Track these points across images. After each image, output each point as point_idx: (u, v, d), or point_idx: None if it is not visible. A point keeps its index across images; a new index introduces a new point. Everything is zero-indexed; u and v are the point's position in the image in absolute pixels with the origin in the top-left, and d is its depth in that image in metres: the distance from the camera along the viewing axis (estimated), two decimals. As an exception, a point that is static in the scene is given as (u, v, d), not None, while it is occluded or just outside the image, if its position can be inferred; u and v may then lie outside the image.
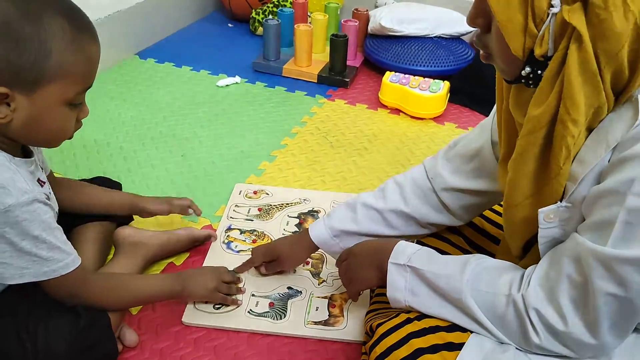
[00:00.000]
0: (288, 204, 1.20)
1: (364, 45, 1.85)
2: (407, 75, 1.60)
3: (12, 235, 0.67)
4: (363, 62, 1.84)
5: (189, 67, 1.80)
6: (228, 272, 0.96)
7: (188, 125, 1.48)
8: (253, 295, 0.96)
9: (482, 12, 0.58)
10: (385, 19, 1.76)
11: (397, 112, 1.61)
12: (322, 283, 1.00)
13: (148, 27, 1.89)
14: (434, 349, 0.65)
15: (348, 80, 1.71)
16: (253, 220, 1.15)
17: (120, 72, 1.73)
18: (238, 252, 1.06)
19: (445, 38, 1.80)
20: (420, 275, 0.70)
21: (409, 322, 0.69)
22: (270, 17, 1.93)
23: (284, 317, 0.93)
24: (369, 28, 1.84)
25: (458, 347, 0.64)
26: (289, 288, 0.99)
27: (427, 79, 1.58)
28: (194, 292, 0.90)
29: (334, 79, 1.72)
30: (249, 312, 0.93)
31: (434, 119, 1.58)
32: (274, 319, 0.92)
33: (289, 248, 0.95)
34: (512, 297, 0.62)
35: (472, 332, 0.66)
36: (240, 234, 1.11)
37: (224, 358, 0.87)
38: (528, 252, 0.69)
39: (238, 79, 1.72)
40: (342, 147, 1.44)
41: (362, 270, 0.80)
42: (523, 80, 0.59)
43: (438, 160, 0.86)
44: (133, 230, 1.00)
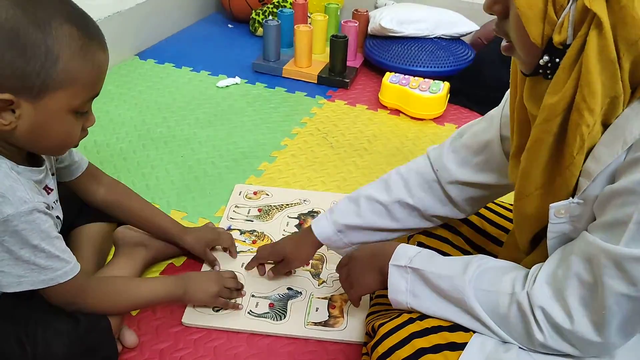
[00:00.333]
0: (288, 205, 1.20)
1: (364, 46, 1.85)
2: (407, 76, 1.60)
3: (10, 244, 0.67)
4: (363, 62, 1.84)
5: (189, 67, 1.80)
6: (231, 277, 0.95)
7: (188, 126, 1.48)
8: (253, 296, 0.96)
9: None
10: (385, 20, 1.76)
11: (397, 112, 1.61)
12: (322, 284, 1.00)
13: (148, 28, 1.89)
14: (436, 349, 0.65)
15: (348, 81, 1.72)
16: (253, 221, 1.15)
17: (120, 72, 1.73)
18: (238, 252, 1.06)
19: (445, 39, 1.80)
20: (422, 276, 0.69)
21: (411, 322, 0.69)
22: (270, 17, 1.93)
23: (284, 317, 0.93)
24: (369, 29, 1.84)
25: (460, 346, 0.64)
26: (289, 289, 0.99)
27: (427, 80, 1.58)
28: (196, 296, 0.90)
29: (334, 80, 1.72)
30: (249, 312, 0.93)
31: (434, 120, 1.58)
32: (274, 320, 0.92)
33: (295, 247, 0.94)
34: (515, 295, 0.62)
35: (474, 332, 0.66)
36: (240, 235, 1.11)
37: (224, 359, 0.87)
38: (536, 246, 0.69)
39: (238, 80, 1.73)
40: (342, 147, 1.44)
41: (363, 275, 0.80)
42: (541, 71, 0.58)
43: (444, 151, 0.84)
44: (133, 231, 1.00)
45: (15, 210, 0.66)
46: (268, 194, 1.23)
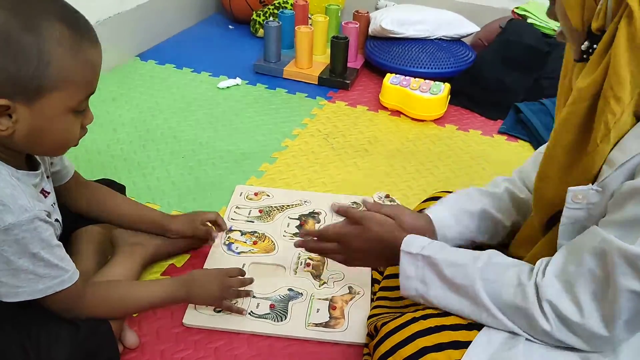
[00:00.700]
0: (289, 206, 1.20)
1: (365, 47, 1.85)
2: (407, 77, 1.60)
3: (9, 254, 0.66)
4: (364, 64, 1.84)
5: (190, 68, 1.80)
6: (236, 277, 0.93)
7: (189, 127, 1.48)
8: (254, 297, 0.96)
9: None
10: (386, 21, 1.76)
11: (397, 114, 1.61)
12: (323, 285, 1.00)
13: (149, 28, 1.89)
14: (439, 348, 0.65)
15: (349, 82, 1.72)
16: (254, 222, 1.15)
17: (121, 73, 1.73)
18: (239, 253, 1.06)
19: (446, 40, 1.80)
20: (433, 263, 0.70)
21: (414, 321, 0.69)
22: (271, 19, 1.94)
23: (285, 318, 0.93)
24: (370, 30, 1.84)
25: (464, 345, 0.65)
26: (290, 290, 0.99)
27: (427, 81, 1.58)
28: (199, 299, 0.90)
29: (335, 81, 1.72)
30: (250, 313, 0.93)
31: (435, 121, 1.58)
32: (275, 321, 0.92)
33: (410, 211, 0.89)
34: (521, 286, 0.63)
35: (478, 330, 0.66)
36: (241, 236, 1.11)
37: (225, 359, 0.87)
38: (550, 229, 0.69)
39: (239, 81, 1.73)
40: (342, 148, 1.44)
41: (366, 257, 0.82)
42: (584, 56, 0.59)
43: (526, 163, 0.87)
44: (131, 231, 0.99)
45: (17, 219, 0.65)
46: (269, 195, 1.23)
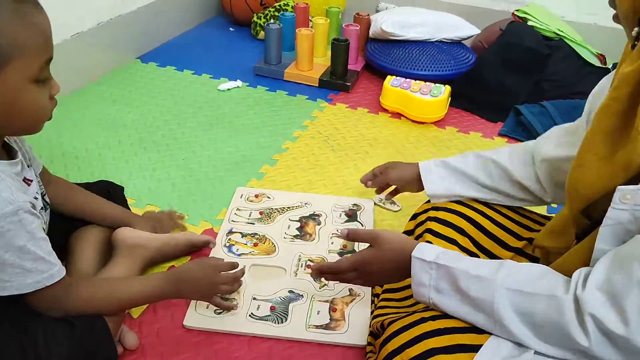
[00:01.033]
0: (289, 208, 1.20)
1: (365, 50, 1.85)
2: (408, 80, 1.60)
3: None
4: (364, 66, 1.84)
5: (191, 71, 1.80)
6: (227, 272, 0.91)
7: (189, 129, 1.49)
8: (254, 299, 0.96)
9: None
10: (387, 24, 1.76)
11: (398, 116, 1.61)
12: (323, 287, 1.00)
13: (150, 31, 1.89)
14: (448, 350, 0.64)
15: (349, 84, 1.72)
16: (254, 224, 1.15)
17: (122, 75, 1.73)
18: (239, 255, 1.06)
19: (447, 42, 1.80)
20: (449, 273, 0.68)
21: (424, 321, 0.69)
22: (272, 21, 1.94)
23: (285, 320, 0.93)
24: (370, 32, 1.85)
25: (473, 348, 0.64)
26: (290, 292, 0.98)
27: (428, 83, 1.58)
28: (189, 295, 0.90)
29: (335, 83, 1.73)
30: (250, 315, 0.93)
31: (435, 123, 1.58)
32: (275, 323, 0.92)
33: (400, 163, 1.10)
34: (557, 299, 0.60)
35: (488, 334, 0.65)
36: (242, 238, 1.11)
37: (225, 362, 0.87)
38: (593, 224, 0.65)
39: (239, 83, 1.73)
40: (343, 151, 1.44)
41: (384, 275, 0.80)
42: (636, 43, 0.58)
43: (547, 134, 0.91)
44: (131, 232, 0.99)
45: (1, 212, 0.65)
46: (269, 197, 1.23)
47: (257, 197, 1.22)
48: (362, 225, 1.16)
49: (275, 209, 1.19)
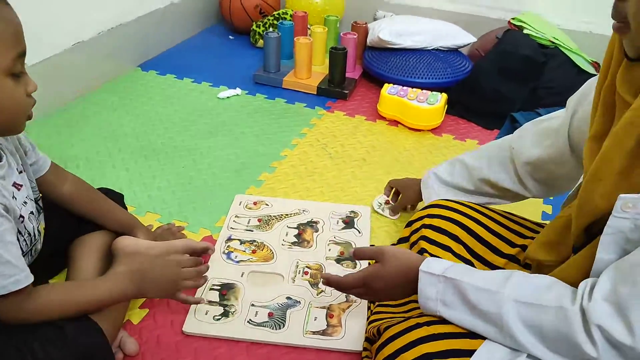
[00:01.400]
0: (287, 215, 1.21)
1: (363, 58, 1.87)
2: (405, 88, 1.62)
3: None
4: (362, 74, 1.86)
5: (191, 79, 1.82)
6: (189, 267, 0.89)
7: (189, 137, 1.50)
8: (252, 305, 0.98)
9: None
10: (384, 32, 1.78)
11: (395, 123, 1.63)
12: (320, 293, 1.01)
13: (150, 39, 1.92)
14: (443, 355, 0.65)
15: (347, 92, 1.74)
16: (253, 231, 1.16)
17: (123, 84, 1.75)
18: (238, 262, 1.08)
19: (443, 50, 1.82)
20: (457, 286, 0.69)
21: (419, 327, 0.70)
22: (271, 29, 1.96)
23: (283, 326, 0.94)
24: (368, 41, 1.87)
25: (466, 353, 0.65)
26: (288, 298, 1.00)
27: (424, 91, 1.60)
28: (152, 295, 0.89)
29: (333, 91, 1.75)
30: (249, 321, 0.95)
31: (432, 131, 1.60)
32: (273, 329, 0.94)
33: (407, 179, 1.23)
34: (565, 310, 0.60)
35: (482, 339, 0.66)
36: (240, 245, 1.12)
37: (224, 367, 0.88)
38: (589, 239, 0.67)
39: (239, 91, 1.75)
40: (340, 158, 1.46)
41: (391, 290, 0.80)
42: None
43: (524, 131, 0.97)
44: (131, 240, 0.99)
45: None
46: (268, 204, 1.24)
47: (255, 204, 1.24)
48: (358, 232, 1.18)
49: (274, 216, 1.21)
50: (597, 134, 0.67)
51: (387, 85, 1.65)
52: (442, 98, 1.59)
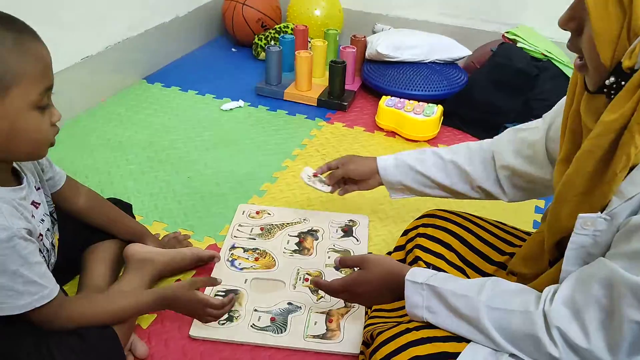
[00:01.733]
0: (289, 224, 1.26)
1: (362, 70, 1.93)
2: (402, 100, 1.68)
3: None
4: (361, 86, 1.92)
5: (195, 91, 1.88)
6: (215, 310, 0.94)
7: (194, 148, 1.56)
8: (255, 311, 1.03)
9: (576, 16, 0.63)
10: (382, 46, 1.84)
11: (393, 134, 1.68)
12: (320, 299, 1.06)
13: (155, 52, 1.98)
14: (431, 357, 0.70)
15: (346, 104, 1.79)
16: (255, 239, 1.21)
17: (129, 96, 1.81)
18: (241, 269, 1.13)
19: (439, 63, 1.88)
20: (438, 294, 0.74)
21: (408, 331, 0.75)
22: (272, 42, 2.02)
23: (285, 331, 0.99)
24: (367, 54, 1.92)
25: (453, 356, 0.70)
26: (289, 304, 1.05)
27: (421, 103, 1.66)
28: (180, 312, 0.96)
29: (333, 103, 1.80)
30: (252, 326, 1.00)
31: (428, 141, 1.65)
32: (275, 333, 0.99)
33: (359, 159, 1.12)
34: (529, 314, 0.66)
35: (467, 342, 0.71)
36: (244, 252, 1.17)
37: (229, 369, 0.93)
38: (560, 253, 0.71)
39: (241, 103, 1.80)
40: (340, 168, 1.51)
41: (374, 295, 0.86)
42: (605, 90, 0.62)
43: (503, 139, 0.97)
44: (141, 247, 1.05)
45: None
46: (270, 214, 1.29)
47: (258, 213, 1.29)
48: (357, 240, 1.23)
49: (275, 225, 1.26)
50: (565, 157, 0.72)
51: (385, 98, 1.71)
52: (437, 110, 1.64)
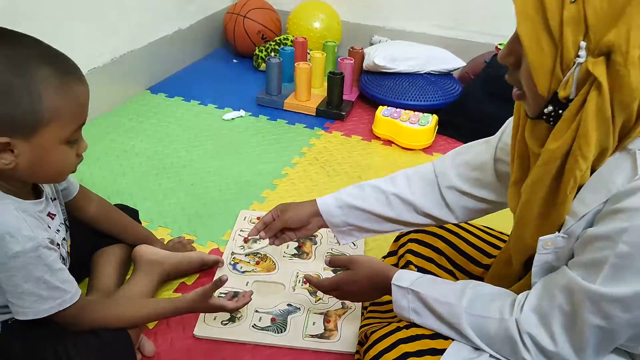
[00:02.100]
0: (288, 229, 1.31)
1: (359, 81, 1.99)
2: (398, 110, 1.73)
3: (17, 279, 0.75)
4: (358, 96, 1.98)
5: (197, 101, 1.93)
6: (231, 308, 0.97)
7: (197, 156, 1.61)
8: (257, 311, 1.07)
9: (513, 51, 0.67)
10: (379, 58, 1.89)
11: (389, 143, 1.74)
12: (318, 301, 1.11)
13: (159, 64, 2.03)
14: (419, 353, 0.75)
15: (344, 114, 1.85)
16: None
17: (134, 106, 1.86)
18: (243, 272, 1.18)
19: (435, 74, 1.94)
20: (422, 299, 0.79)
21: (399, 330, 0.80)
22: (273, 54, 2.08)
23: (285, 330, 1.04)
24: (364, 65, 1.98)
25: (439, 352, 0.75)
26: (289, 305, 1.10)
27: (416, 113, 1.71)
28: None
29: (331, 113, 1.86)
30: (253, 326, 1.04)
31: (424, 150, 1.70)
32: (276, 333, 1.03)
33: (295, 205, 1.01)
34: (504, 321, 0.70)
35: (452, 340, 0.76)
36: (245, 257, 1.22)
37: (231, 367, 0.98)
38: (528, 268, 0.76)
39: (242, 113, 1.86)
40: (338, 176, 1.56)
41: (361, 294, 0.92)
42: (544, 117, 0.66)
43: (446, 162, 0.95)
44: (150, 249, 1.10)
45: (22, 248, 0.74)
46: (270, 219, 1.34)
47: (258, 219, 1.32)
48: (354, 245, 1.28)
49: (276, 231, 1.31)
50: (516, 180, 0.76)
51: (381, 107, 1.76)
52: (432, 119, 1.70)
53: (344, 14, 2.25)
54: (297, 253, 1.24)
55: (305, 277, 1.00)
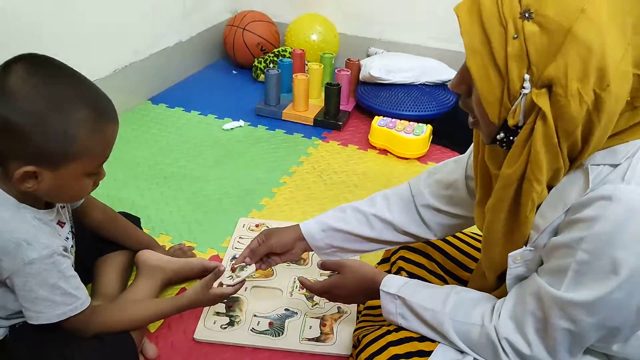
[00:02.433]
0: (286, 236, 1.35)
1: (356, 92, 2.03)
2: (393, 120, 1.78)
3: (33, 284, 0.79)
4: (355, 107, 2.02)
5: (197, 111, 1.97)
6: (228, 293, 1.01)
7: (197, 166, 1.65)
8: (255, 316, 1.11)
9: (464, 80, 0.69)
10: (375, 69, 1.94)
11: (385, 152, 1.78)
12: (315, 305, 1.15)
13: (160, 75, 2.08)
14: (408, 355, 0.79)
15: (341, 124, 1.89)
16: (255, 251, 1.30)
17: (135, 116, 1.91)
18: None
19: (429, 85, 1.98)
20: (408, 306, 0.83)
21: (389, 333, 0.84)
22: (271, 66, 2.13)
23: (282, 334, 1.07)
24: (360, 76, 2.03)
25: (427, 354, 0.79)
26: (286, 309, 1.13)
27: (411, 123, 1.75)
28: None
29: (329, 123, 1.90)
30: (252, 330, 1.08)
31: (418, 159, 1.74)
32: (274, 336, 1.07)
33: (280, 231, 1.02)
34: (485, 327, 0.74)
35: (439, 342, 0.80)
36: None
37: (230, 369, 1.01)
38: (502, 281, 0.81)
39: (242, 123, 1.90)
40: (335, 184, 1.60)
41: (350, 298, 0.97)
42: (497, 142, 0.70)
43: (420, 182, 0.98)
44: (152, 254, 1.13)
45: (39, 255, 0.78)
46: (268, 227, 1.37)
47: (257, 226, 1.38)
48: (350, 252, 1.31)
49: (274, 238, 1.34)
50: (481, 200, 0.80)
51: (377, 118, 1.80)
52: (427, 129, 1.74)
53: (341, 27, 2.30)
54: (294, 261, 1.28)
55: (299, 279, 1.04)
